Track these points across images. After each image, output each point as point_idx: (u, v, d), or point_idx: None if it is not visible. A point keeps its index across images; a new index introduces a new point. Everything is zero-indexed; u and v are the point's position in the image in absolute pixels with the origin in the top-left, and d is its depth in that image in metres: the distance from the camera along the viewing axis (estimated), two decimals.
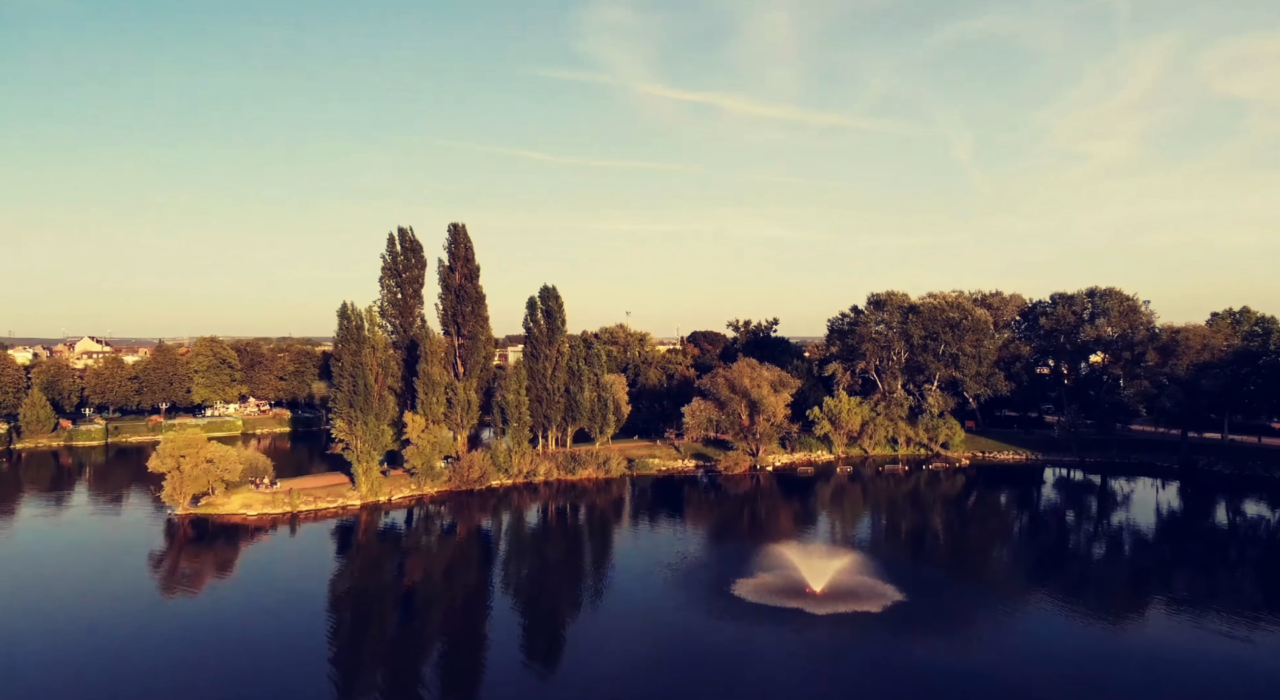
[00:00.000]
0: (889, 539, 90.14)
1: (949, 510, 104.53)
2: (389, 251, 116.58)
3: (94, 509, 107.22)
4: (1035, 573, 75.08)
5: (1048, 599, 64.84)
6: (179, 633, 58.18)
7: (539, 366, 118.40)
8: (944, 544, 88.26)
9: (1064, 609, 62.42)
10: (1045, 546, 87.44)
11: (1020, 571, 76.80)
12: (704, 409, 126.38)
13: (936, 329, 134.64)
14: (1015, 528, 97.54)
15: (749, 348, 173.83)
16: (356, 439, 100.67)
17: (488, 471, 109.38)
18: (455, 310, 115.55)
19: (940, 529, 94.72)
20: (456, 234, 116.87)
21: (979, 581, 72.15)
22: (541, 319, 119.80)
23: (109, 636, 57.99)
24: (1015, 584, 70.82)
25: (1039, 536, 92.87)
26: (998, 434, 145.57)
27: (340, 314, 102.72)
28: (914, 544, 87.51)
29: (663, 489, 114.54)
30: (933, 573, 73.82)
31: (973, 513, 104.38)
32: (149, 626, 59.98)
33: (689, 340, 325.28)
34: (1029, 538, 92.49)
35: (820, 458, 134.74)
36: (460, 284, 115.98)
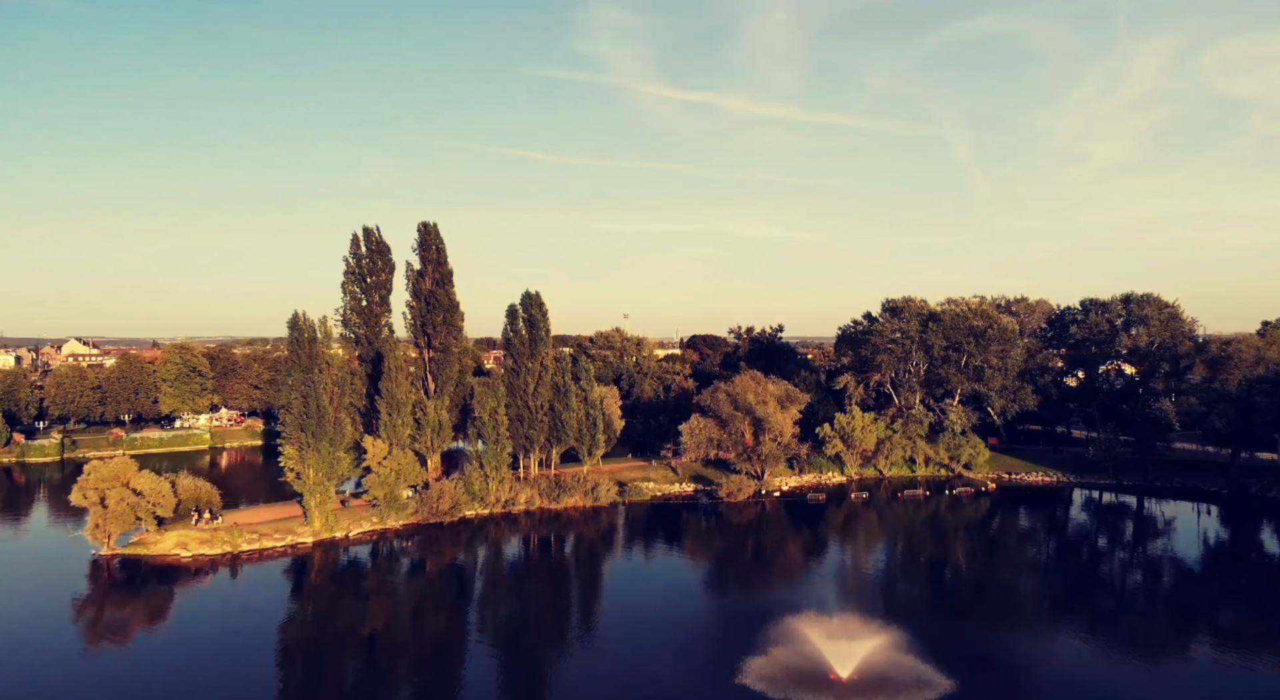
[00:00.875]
0: (918, 588, 78.02)
1: (982, 546, 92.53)
2: (353, 253, 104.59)
3: (16, 540, 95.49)
4: (1100, 631, 62.97)
5: (1117, 660, 52.82)
6: (105, 689, 52.00)
7: (520, 382, 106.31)
8: (985, 594, 76.05)
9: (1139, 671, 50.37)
10: (1101, 595, 75.25)
11: (1081, 631, 64.53)
12: (704, 427, 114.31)
13: (959, 338, 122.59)
14: (1061, 570, 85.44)
15: (753, 356, 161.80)
16: (308, 468, 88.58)
17: (460, 501, 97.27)
18: (425, 319, 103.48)
19: (976, 573, 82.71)
20: (427, 234, 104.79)
21: (1040, 651, 59.86)
22: (523, 328, 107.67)
23: (24, 694, 51.46)
24: (1081, 653, 58.62)
25: (1090, 581, 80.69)
26: (1024, 452, 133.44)
27: (290, 325, 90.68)
28: (949, 596, 75.32)
29: (658, 518, 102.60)
30: (980, 641, 61.60)
31: (1009, 550, 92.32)
32: (70, 682, 53.13)
33: (688, 345, 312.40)
34: (1080, 584, 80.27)
35: (831, 480, 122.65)
36: (431, 290, 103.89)
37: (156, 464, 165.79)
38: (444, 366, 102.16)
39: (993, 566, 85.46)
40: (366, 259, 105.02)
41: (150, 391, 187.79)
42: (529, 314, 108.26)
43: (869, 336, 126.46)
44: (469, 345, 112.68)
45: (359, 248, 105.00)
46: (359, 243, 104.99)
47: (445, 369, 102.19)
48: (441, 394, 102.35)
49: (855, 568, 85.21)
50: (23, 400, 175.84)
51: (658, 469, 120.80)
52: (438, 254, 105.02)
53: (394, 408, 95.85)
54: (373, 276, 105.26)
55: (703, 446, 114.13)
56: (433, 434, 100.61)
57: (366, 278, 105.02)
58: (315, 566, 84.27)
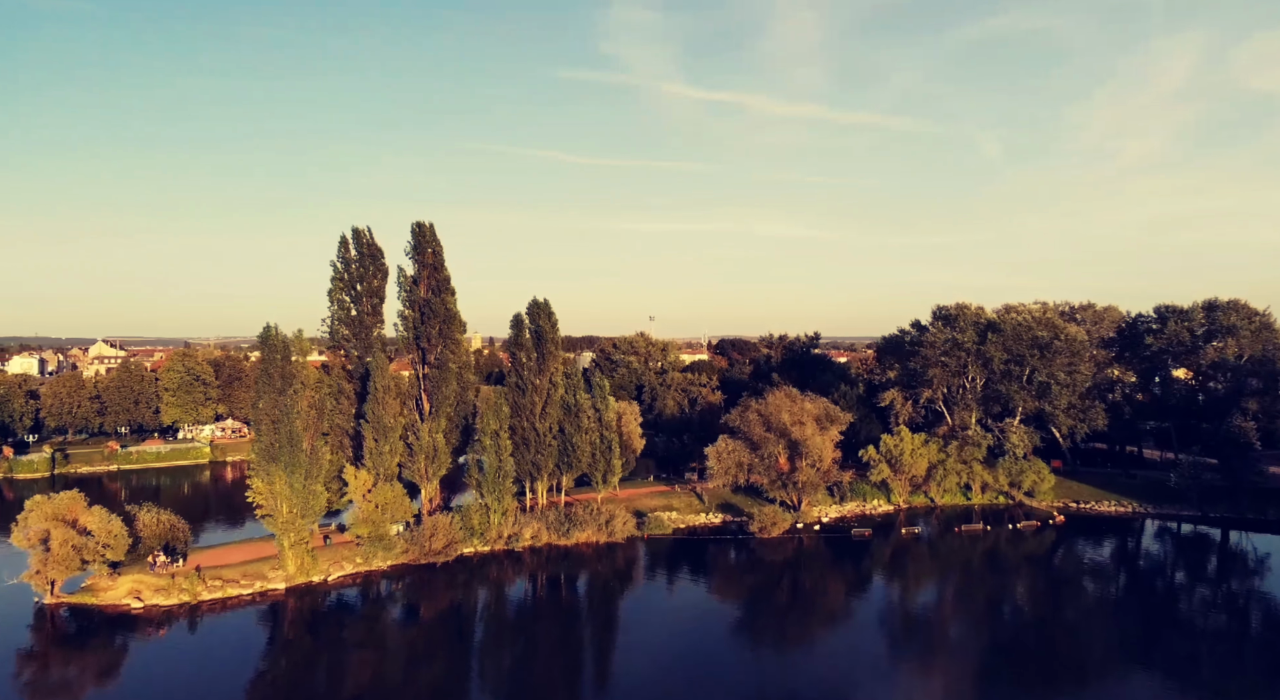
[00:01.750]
0: (982, 644, 65.03)
1: (1054, 592, 79.32)
2: (341, 257, 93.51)
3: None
4: None
5: None
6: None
7: (525, 401, 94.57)
8: (1063, 655, 62.87)
9: None
10: (1197, 647, 61.87)
11: None
12: (732, 451, 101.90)
13: (1021, 350, 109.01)
14: (1147, 621, 71.97)
15: (785, 366, 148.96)
16: (280, 503, 77.53)
17: (456, 539, 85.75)
18: (419, 331, 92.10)
19: (1050, 625, 69.70)
20: (422, 236, 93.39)
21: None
22: (529, 340, 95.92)
23: None
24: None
25: (1183, 632, 67.20)
26: (1091, 477, 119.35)
27: (261, 339, 79.75)
28: (1022, 657, 62.26)
29: (681, 556, 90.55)
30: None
31: (1087, 598, 78.93)
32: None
33: (716, 350, 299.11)
34: (1173, 637, 66.80)
35: (877, 509, 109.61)
36: (426, 298, 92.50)
37: (153, 479, 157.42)
38: (440, 384, 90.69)
39: (1069, 617, 72.47)
40: (356, 263, 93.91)
41: (151, 401, 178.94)
42: (536, 324, 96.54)
43: (919, 348, 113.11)
44: (470, 359, 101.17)
45: (348, 251, 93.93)
46: (348, 245, 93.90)
47: (441, 387, 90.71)
48: (437, 415, 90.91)
49: (908, 618, 73.58)
50: (17, 411, 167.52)
51: (681, 496, 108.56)
52: (434, 258, 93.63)
53: (380, 433, 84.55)
54: (363, 283, 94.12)
55: (731, 472, 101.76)
56: (426, 461, 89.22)
57: (357, 284, 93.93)
58: (289, 616, 73.73)
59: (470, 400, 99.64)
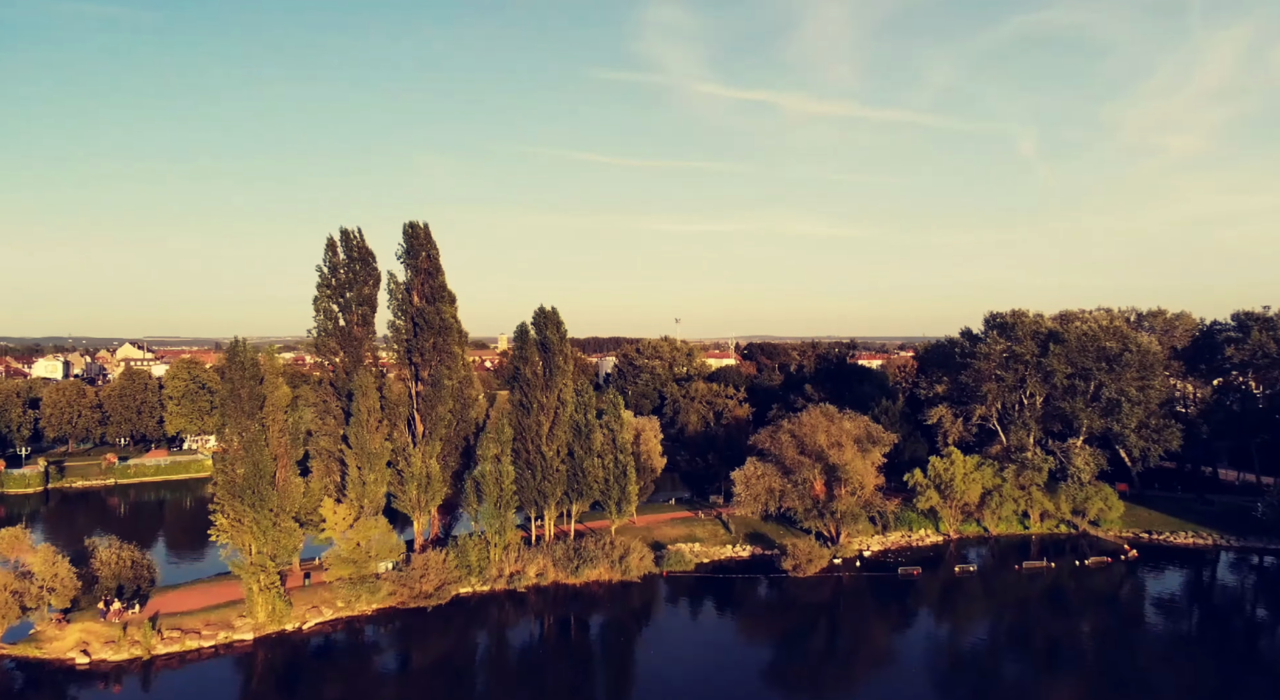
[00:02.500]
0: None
1: (1133, 644, 67.92)
2: (328, 262, 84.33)
3: None
4: None
5: None
6: None
7: (530, 421, 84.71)
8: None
9: None
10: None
11: None
12: (762, 475, 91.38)
13: (1087, 363, 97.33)
14: (1247, 677, 60.62)
15: (820, 377, 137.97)
16: (249, 540, 68.40)
17: (449, 579, 76.10)
18: (412, 344, 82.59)
19: (1133, 690, 58.67)
20: (415, 238, 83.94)
21: None
22: (535, 354, 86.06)
23: None
24: None
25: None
26: (1162, 503, 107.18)
27: (228, 354, 70.80)
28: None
29: (704, 597, 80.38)
30: None
31: (1173, 648, 67.47)
32: None
33: (744, 355, 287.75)
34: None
35: (924, 539, 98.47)
36: (420, 307, 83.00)
37: (151, 494, 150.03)
38: (434, 404, 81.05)
39: (1145, 667, 61.23)
40: (345, 268, 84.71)
41: (155, 410, 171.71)
42: (543, 335, 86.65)
43: (971, 360, 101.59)
44: (472, 373, 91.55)
45: (335, 254, 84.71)
46: (335, 248, 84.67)
47: (437, 406, 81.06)
48: (432, 437, 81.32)
49: (961, 667, 63.08)
50: (14, 421, 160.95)
51: (705, 523, 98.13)
52: (429, 262, 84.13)
53: (364, 460, 75.11)
54: (353, 291, 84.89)
55: (760, 499, 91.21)
56: (419, 490, 79.66)
57: (345, 292, 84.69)
58: (256, 671, 64.64)
59: (472, 419, 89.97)
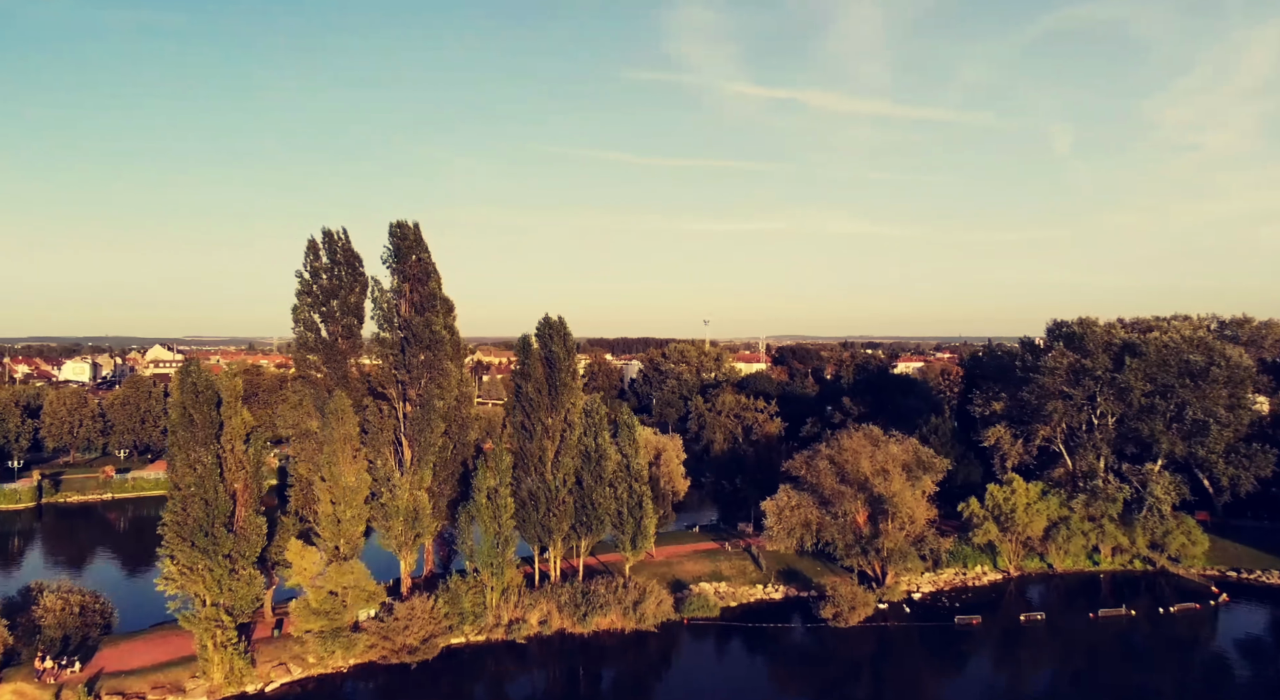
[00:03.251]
0: None
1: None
2: (309, 267, 75.18)
3: None
4: None
5: None
6: None
7: (533, 447, 74.87)
8: None
9: None
10: None
11: None
12: (797, 506, 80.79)
13: (1169, 379, 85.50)
14: None
15: (859, 389, 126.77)
16: (201, 589, 59.29)
17: (437, 629, 66.50)
18: (399, 360, 73.04)
19: None
20: (403, 239, 74.43)
21: None
22: (538, 370, 76.17)
23: None
24: None
25: None
26: (1251, 535, 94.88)
27: (182, 375, 61.78)
28: None
29: (730, 650, 70.18)
30: None
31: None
32: None
33: (775, 359, 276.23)
34: None
35: (981, 578, 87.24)
36: (407, 318, 73.46)
37: (150, 509, 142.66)
38: (424, 427, 71.41)
39: None
40: (329, 274, 75.51)
41: (159, 420, 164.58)
42: (547, 349, 76.74)
43: (1033, 374, 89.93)
44: (470, 391, 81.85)
45: (317, 257, 75.52)
46: (317, 251, 75.49)
47: (425, 431, 71.41)
48: (421, 465, 71.71)
49: None
50: (12, 431, 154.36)
51: (732, 558, 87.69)
52: (419, 267, 74.57)
53: (339, 496, 65.63)
54: (338, 298, 75.69)
55: (795, 533, 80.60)
56: (405, 526, 70.08)
57: (329, 300, 75.52)
58: None
59: (471, 441, 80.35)
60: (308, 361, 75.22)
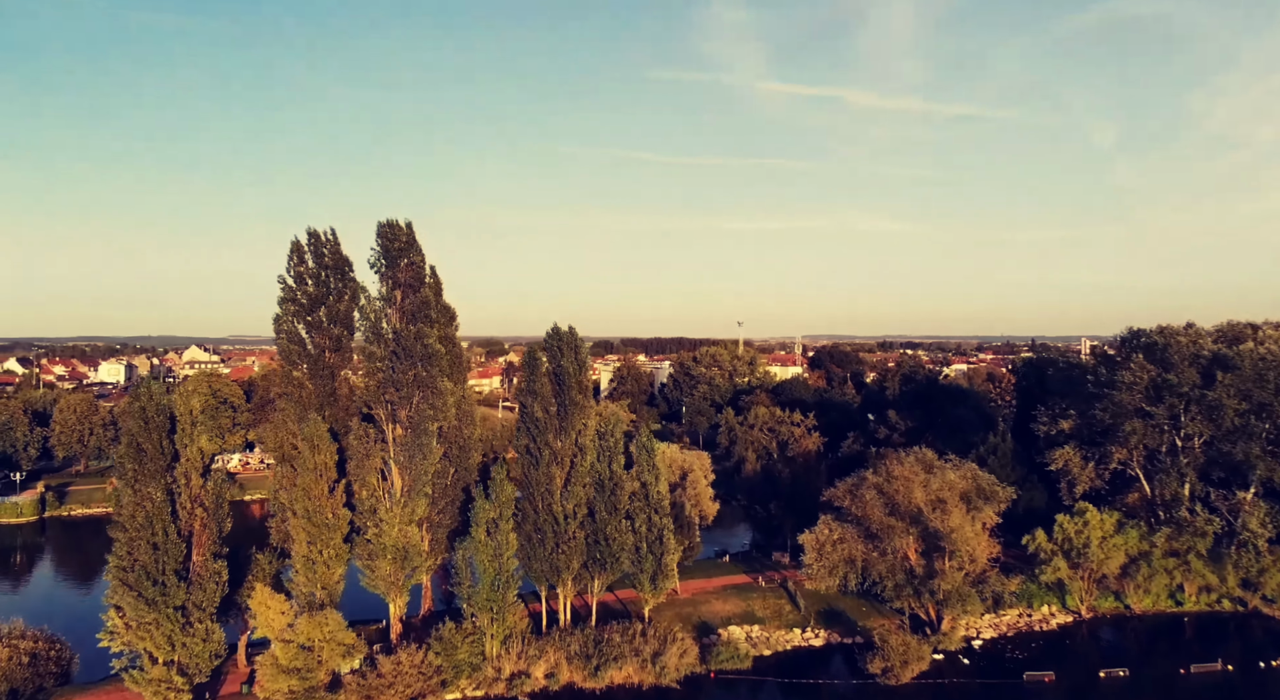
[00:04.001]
0: None
1: None
2: (293, 271, 67.61)
3: None
4: None
5: None
6: None
7: (539, 474, 66.34)
8: None
9: None
10: None
11: None
12: (839, 539, 71.39)
13: (1266, 397, 74.73)
14: None
15: (907, 401, 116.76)
16: (150, 645, 51.60)
17: (429, 686, 58.32)
18: (389, 376, 64.89)
19: None
20: (393, 240, 66.40)
21: None
22: (546, 387, 67.62)
23: None
24: None
25: None
26: None
27: (131, 398, 54.24)
28: None
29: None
30: None
31: None
32: None
33: (811, 363, 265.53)
34: None
35: (1049, 620, 77.08)
36: (398, 330, 65.35)
37: None
38: (415, 454, 63.23)
39: None
40: (314, 281, 67.79)
41: None
42: (557, 364, 68.15)
43: (1109, 390, 79.46)
44: (472, 408, 73.45)
45: (302, 261, 67.86)
46: (302, 254, 67.82)
47: (417, 457, 63.22)
48: (411, 497, 63.53)
49: None
50: (20, 440, 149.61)
51: (767, 595, 78.48)
52: (411, 272, 66.51)
53: (315, 534, 57.66)
54: (325, 307, 67.94)
55: (838, 570, 71.18)
56: (394, 565, 61.94)
57: (315, 309, 67.77)
58: None
59: (475, 465, 72.19)
60: (292, 377, 67.51)
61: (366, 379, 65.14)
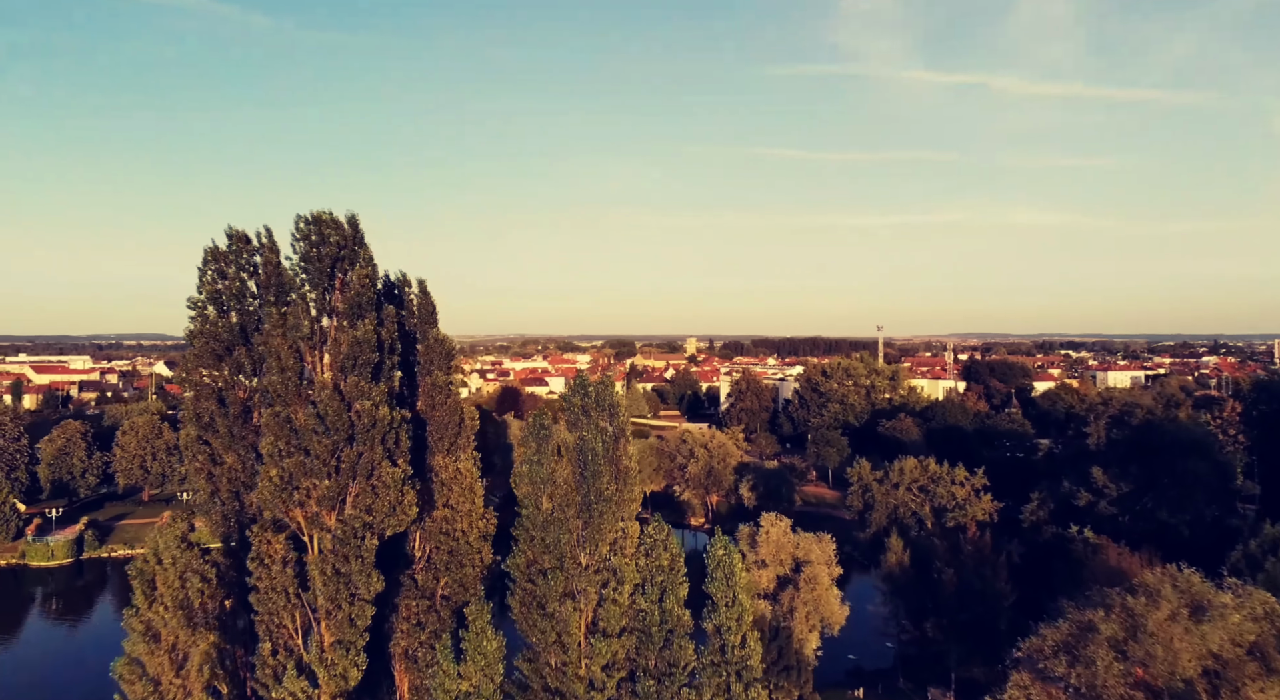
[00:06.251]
0: None
1: None
2: (208, 290, 45.47)
3: None
4: None
5: None
6: None
7: (547, 617, 41.47)
8: None
9: None
10: None
11: None
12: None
13: None
14: None
15: (1120, 453, 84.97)
16: None
17: None
18: (307, 461, 41.46)
19: None
20: (322, 243, 43.13)
21: None
22: (560, 470, 42.62)
23: None
24: None
25: None
26: None
27: None
28: None
29: None
30: None
31: None
32: None
33: (965, 373, 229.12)
34: None
35: None
36: (323, 383, 41.97)
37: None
38: (341, 586, 39.58)
39: None
40: (236, 305, 45.56)
41: None
42: (584, 433, 43.01)
43: None
44: (473, 491, 49.31)
45: (224, 269, 45.60)
46: (220, 265, 45.55)
47: (343, 594, 39.56)
48: (334, 649, 39.91)
49: None
50: (76, 468, 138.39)
51: None
52: (360, 292, 43.13)
53: None
54: (259, 333, 45.64)
55: None
56: None
57: (244, 339, 45.62)
58: None
59: (476, 575, 48.14)
60: (203, 450, 45.42)
61: (275, 463, 41.71)
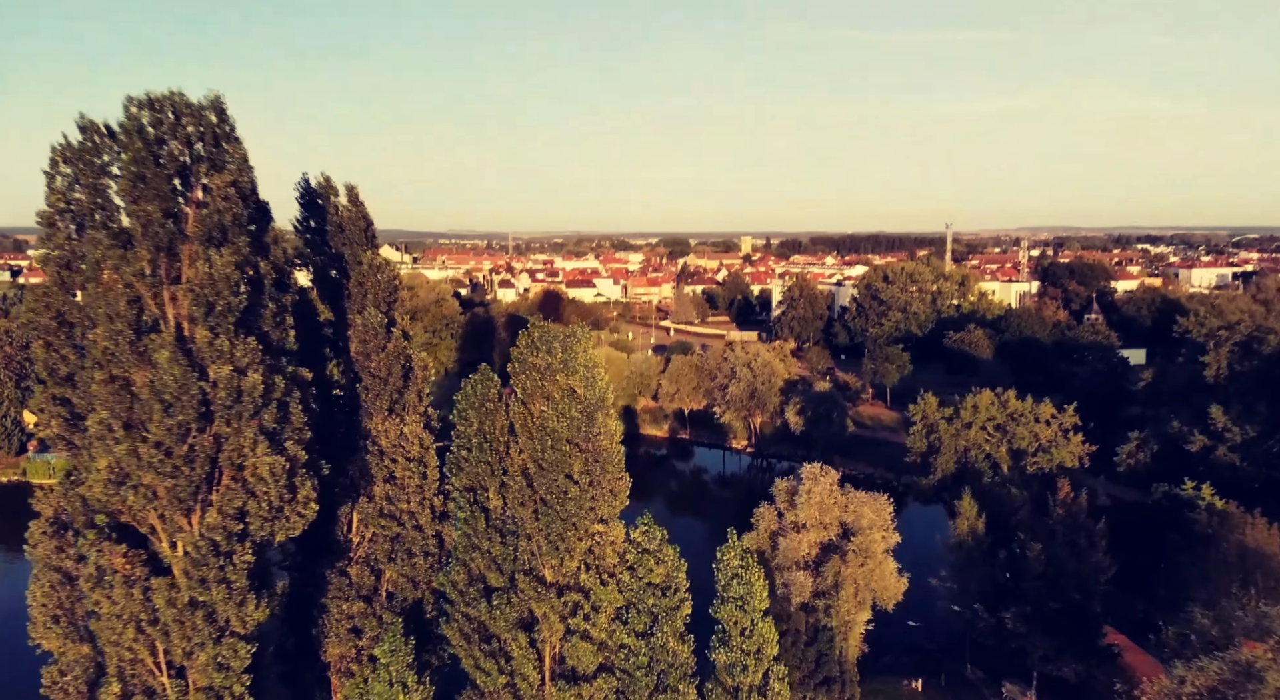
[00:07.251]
0: None
1: None
2: (59, 187, 32.82)
3: None
4: None
5: None
6: None
7: (497, 664, 30.12)
8: None
9: None
10: None
11: None
12: None
13: None
14: None
15: (1241, 389, 69.80)
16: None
17: None
18: (155, 461, 29.73)
19: None
20: (160, 125, 30.12)
21: None
22: (514, 461, 30.40)
23: None
24: None
25: None
26: None
27: None
28: None
29: None
30: None
31: None
32: None
33: (1042, 275, 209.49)
34: None
35: None
36: (173, 338, 29.80)
37: None
38: (198, 620, 28.52)
39: None
40: (101, 217, 33.12)
41: None
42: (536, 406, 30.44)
43: None
44: (422, 479, 37.21)
45: (77, 179, 32.86)
46: (78, 165, 32.75)
47: (200, 622, 28.55)
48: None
49: None
50: None
51: None
52: (217, 203, 30.37)
53: None
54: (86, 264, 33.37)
55: None
56: None
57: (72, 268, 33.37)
58: None
59: (433, 547, 36.97)
60: (61, 411, 34.08)
61: (107, 449, 29.98)
